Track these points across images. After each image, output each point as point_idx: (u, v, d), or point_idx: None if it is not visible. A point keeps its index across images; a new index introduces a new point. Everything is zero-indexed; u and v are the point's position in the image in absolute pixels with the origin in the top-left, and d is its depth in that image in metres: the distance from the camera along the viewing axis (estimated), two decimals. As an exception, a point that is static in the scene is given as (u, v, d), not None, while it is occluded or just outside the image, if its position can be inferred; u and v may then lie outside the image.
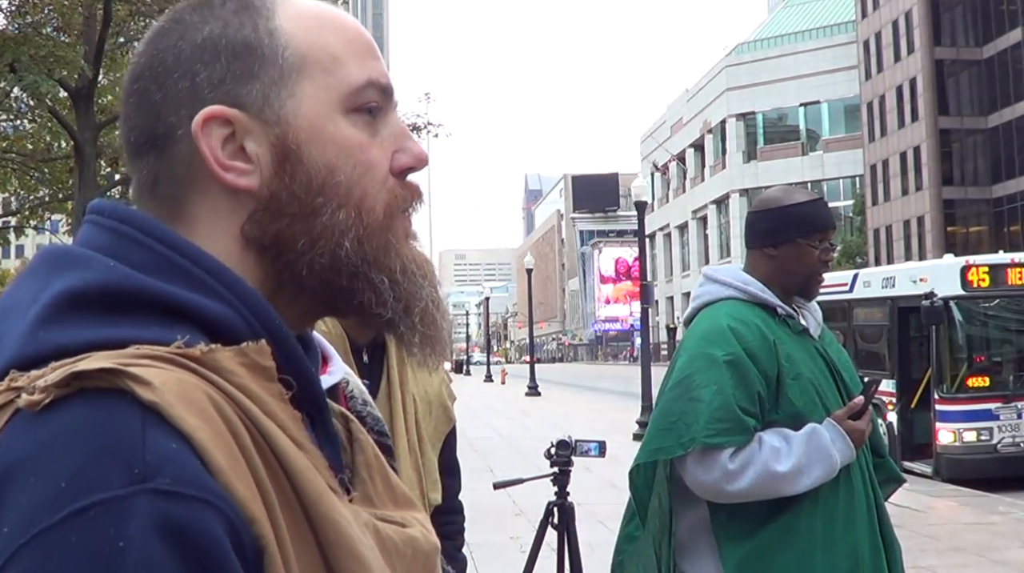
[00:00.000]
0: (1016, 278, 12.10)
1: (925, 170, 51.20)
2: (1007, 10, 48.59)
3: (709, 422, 2.39)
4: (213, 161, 0.75)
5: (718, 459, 2.39)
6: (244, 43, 0.77)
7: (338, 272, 0.77)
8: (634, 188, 19.49)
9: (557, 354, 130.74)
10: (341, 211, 0.77)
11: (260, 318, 0.73)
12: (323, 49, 0.79)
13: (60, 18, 15.02)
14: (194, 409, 0.64)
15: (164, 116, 0.77)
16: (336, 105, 0.78)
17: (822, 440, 2.41)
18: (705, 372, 2.45)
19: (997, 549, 8.12)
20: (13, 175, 20.89)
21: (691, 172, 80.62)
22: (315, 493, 0.68)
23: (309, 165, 0.77)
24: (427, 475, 2.32)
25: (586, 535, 6.39)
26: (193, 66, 0.76)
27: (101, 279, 0.69)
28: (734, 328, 2.48)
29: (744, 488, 2.38)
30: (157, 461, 0.61)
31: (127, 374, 0.63)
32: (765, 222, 2.63)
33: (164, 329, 0.68)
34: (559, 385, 42.62)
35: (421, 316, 0.80)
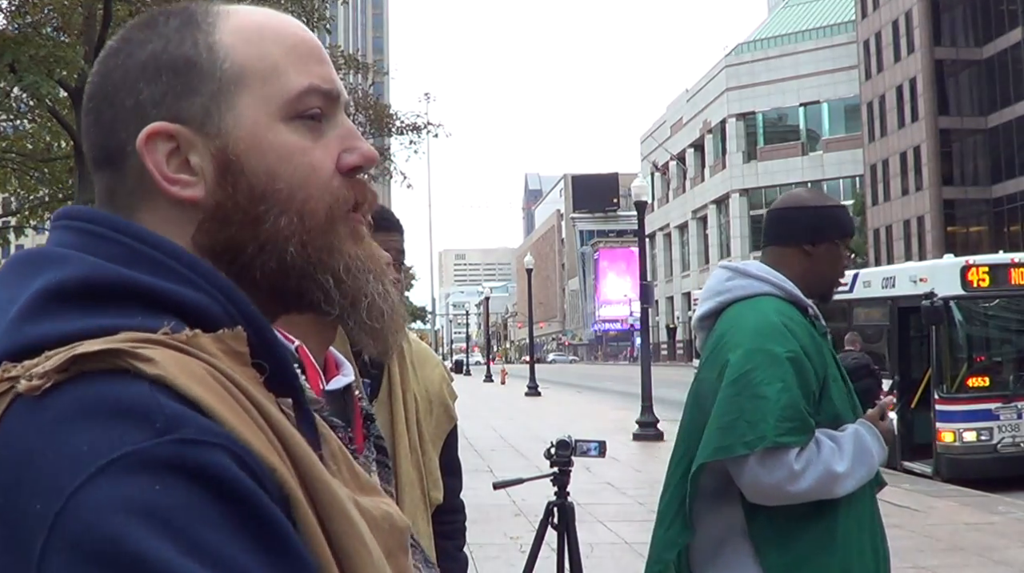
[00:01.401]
0: (1016, 278, 12.11)
1: (925, 170, 51.19)
2: (1007, 10, 48.59)
3: (780, 420, 2.29)
4: (158, 175, 0.78)
5: (784, 459, 2.30)
6: (184, 59, 0.79)
7: (286, 274, 0.80)
8: (634, 188, 19.48)
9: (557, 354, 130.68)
10: (283, 217, 0.79)
11: (237, 305, 0.75)
12: (261, 60, 0.81)
13: (60, 18, 15.02)
14: (195, 379, 0.66)
15: (115, 133, 0.80)
16: (275, 113, 0.80)
17: (864, 441, 2.40)
18: (767, 368, 2.34)
19: (997, 549, 8.12)
20: (13, 175, 20.89)
21: (691, 172, 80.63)
22: (308, 458, 0.71)
23: (250, 174, 0.79)
24: (428, 474, 2.32)
25: (586, 535, 6.40)
26: (137, 84, 0.79)
27: (80, 273, 0.71)
28: (788, 325, 2.42)
29: (805, 489, 2.31)
30: (174, 417, 0.63)
31: (127, 353, 0.65)
32: (808, 219, 2.58)
33: (148, 317, 0.70)
34: (559, 385, 42.62)
35: (367, 310, 0.83)
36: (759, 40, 71.09)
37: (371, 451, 1.42)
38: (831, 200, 2.68)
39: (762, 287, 2.52)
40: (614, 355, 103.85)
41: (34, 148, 19.90)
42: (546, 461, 4.47)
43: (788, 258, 2.57)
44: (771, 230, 2.65)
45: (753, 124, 70.05)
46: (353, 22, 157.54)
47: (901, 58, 53.18)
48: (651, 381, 17.17)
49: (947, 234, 50.23)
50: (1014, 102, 47.72)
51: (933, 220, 50.81)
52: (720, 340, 2.50)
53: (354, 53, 25.04)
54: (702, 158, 78.03)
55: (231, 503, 0.62)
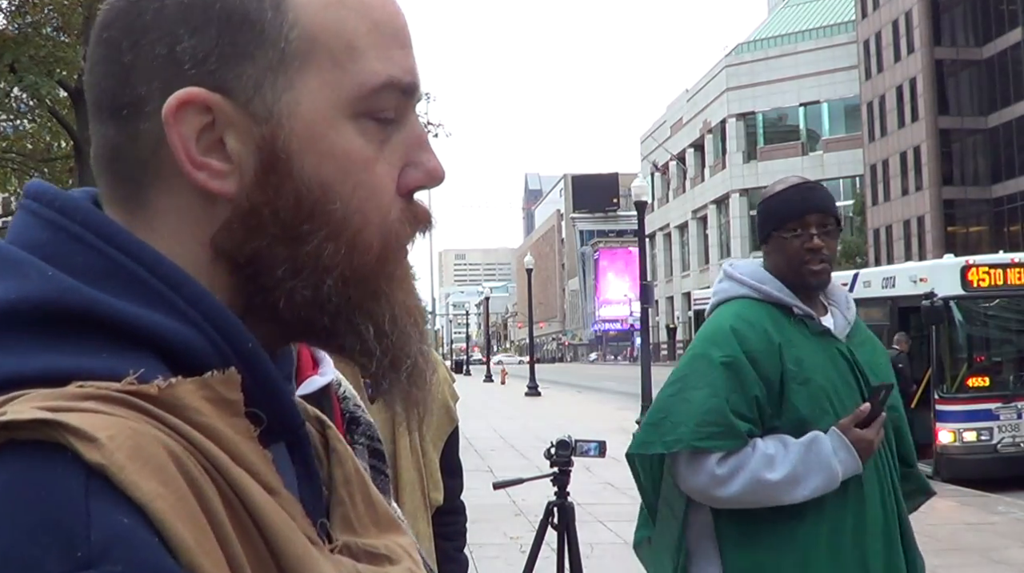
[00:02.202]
0: (1016, 278, 12.11)
1: (925, 170, 51.18)
2: (1007, 10, 48.56)
3: (699, 425, 2.33)
4: (184, 156, 0.62)
5: (705, 463, 2.33)
6: (242, 13, 0.62)
7: (319, 309, 0.65)
8: (634, 188, 19.50)
9: (557, 354, 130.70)
10: (329, 244, 0.64)
11: (229, 340, 0.61)
12: (339, 34, 0.64)
13: (60, 18, 15.01)
14: (150, 469, 0.51)
15: (132, 83, 0.63)
16: (343, 107, 0.64)
17: (822, 449, 2.31)
18: (701, 373, 2.39)
19: (997, 549, 8.12)
20: (13, 175, 20.90)
21: (691, 172, 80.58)
22: (295, 554, 0.57)
23: (300, 181, 0.63)
24: (429, 475, 2.33)
25: (586, 535, 6.40)
26: (176, 30, 0.62)
27: (38, 292, 0.57)
28: (737, 329, 2.40)
29: (733, 494, 2.32)
30: (104, 541, 0.49)
31: (67, 427, 0.51)
32: (758, 220, 2.57)
33: (114, 356, 0.56)
34: (559, 385, 42.61)
35: (409, 373, 0.68)
36: (759, 40, 71.06)
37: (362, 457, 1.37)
38: (777, 188, 2.53)
39: (739, 290, 2.51)
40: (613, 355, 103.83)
41: (34, 148, 19.90)
42: (546, 461, 4.47)
43: (766, 259, 2.56)
44: None
45: (753, 124, 70.01)
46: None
47: (901, 58, 53.17)
48: (651, 381, 17.18)
49: (947, 234, 50.21)
50: (1014, 102, 47.70)
51: (933, 220, 50.79)
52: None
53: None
54: (702, 158, 77.99)
55: None
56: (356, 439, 1.45)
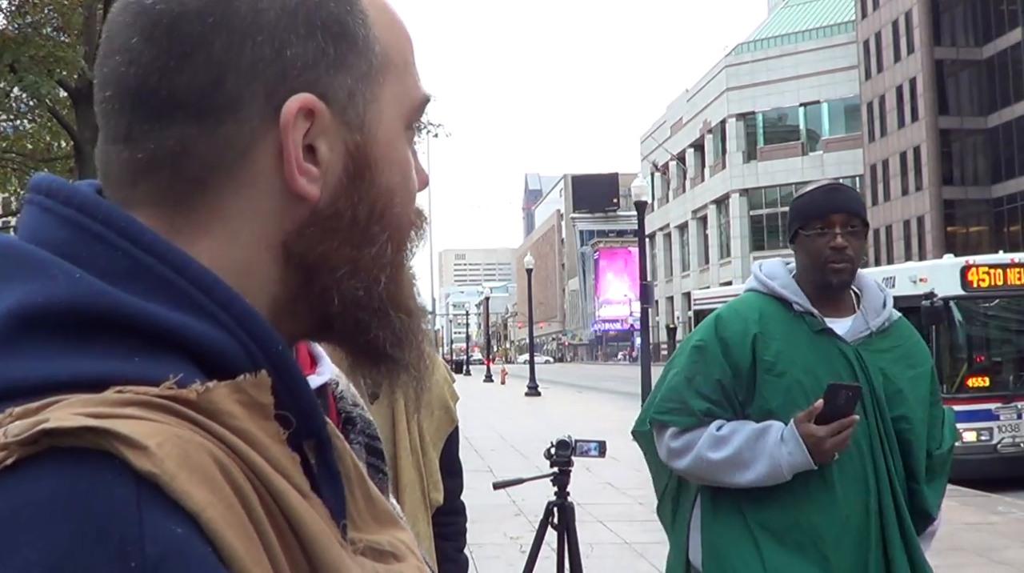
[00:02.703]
0: (1016, 278, 12.10)
1: (925, 170, 51.19)
2: (1007, 10, 48.58)
3: (662, 400, 2.55)
4: (294, 161, 0.62)
5: (663, 435, 2.53)
6: (342, 24, 0.64)
7: (365, 307, 0.67)
8: (634, 188, 19.51)
9: (557, 354, 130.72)
10: (390, 245, 0.67)
11: (260, 343, 0.60)
12: (400, 52, 0.68)
13: (60, 18, 15.02)
14: (198, 477, 0.51)
15: (226, 82, 0.61)
16: (404, 119, 0.68)
17: (769, 439, 2.37)
18: (679, 355, 2.60)
19: (997, 549, 8.12)
20: (13, 175, 20.89)
21: (691, 172, 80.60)
22: (331, 562, 0.57)
23: (380, 187, 0.66)
24: (429, 476, 2.33)
25: (586, 535, 6.40)
26: (284, 34, 0.62)
27: (66, 294, 0.55)
28: (721, 316, 2.56)
29: (684, 468, 2.49)
30: (159, 553, 0.48)
31: (115, 435, 0.50)
32: (788, 219, 2.67)
33: (147, 360, 0.55)
34: (559, 385, 42.61)
35: (422, 362, 0.72)
36: (759, 40, 71.06)
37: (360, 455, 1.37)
38: (805, 190, 2.64)
39: (751, 284, 2.64)
40: (613, 355, 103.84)
41: (34, 148, 19.91)
42: (546, 461, 4.47)
43: (795, 258, 2.64)
44: None
45: (753, 124, 70.01)
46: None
47: (901, 58, 53.17)
48: (651, 381, 17.18)
49: (947, 234, 50.21)
50: (1014, 102, 47.71)
51: (933, 220, 50.80)
52: None
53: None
54: (702, 158, 78.00)
55: None
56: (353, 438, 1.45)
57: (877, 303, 2.58)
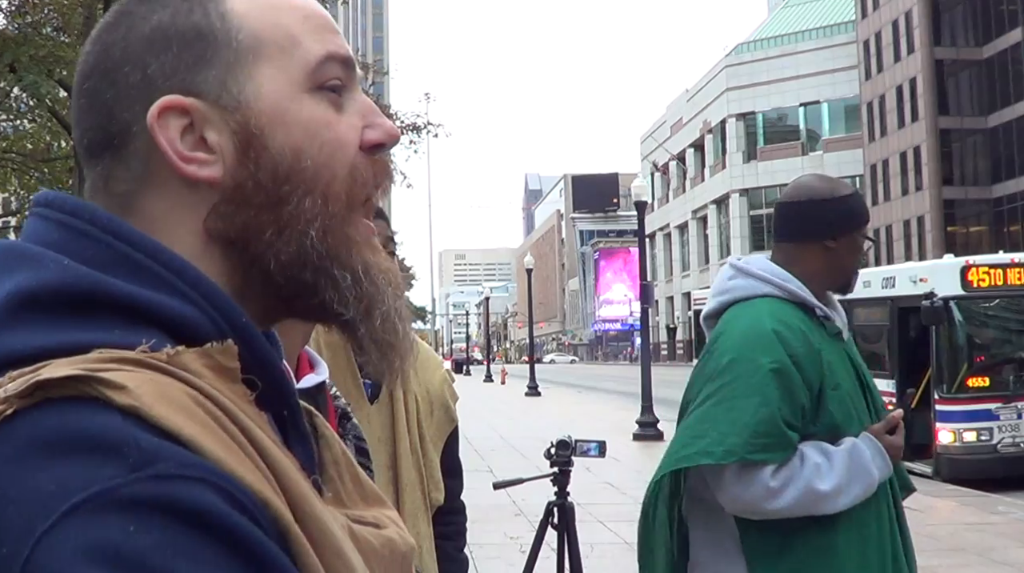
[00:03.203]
0: (1016, 278, 12.10)
1: (925, 170, 51.20)
2: (1007, 10, 48.58)
3: (753, 436, 2.19)
4: (173, 153, 0.71)
5: (759, 476, 2.20)
6: (195, 29, 0.73)
7: (303, 265, 0.74)
8: (634, 188, 19.50)
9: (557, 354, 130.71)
10: (307, 198, 0.73)
11: (226, 316, 0.69)
12: (278, 28, 0.76)
13: (60, 18, 15.03)
14: (175, 407, 0.59)
15: (117, 114, 0.73)
16: (298, 84, 0.75)
17: (863, 457, 2.25)
18: (748, 380, 2.24)
19: (997, 549, 8.12)
20: (13, 175, 20.90)
21: (691, 172, 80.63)
22: (300, 491, 0.65)
23: (274, 150, 0.73)
24: (429, 476, 2.32)
25: (586, 535, 6.40)
26: (143, 57, 0.72)
27: (56, 278, 0.64)
28: (779, 332, 2.27)
29: (784, 506, 2.21)
30: (152, 448, 0.56)
31: (97, 380, 0.58)
32: (827, 213, 2.41)
33: (127, 331, 0.64)
34: (559, 385, 42.61)
35: (382, 320, 0.76)
36: (759, 40, 71.08)
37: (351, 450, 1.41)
38: (844, 187, 2.49)
39: (762, 288, 2.38)
40: (614, 355, 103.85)
41: (34, 148, 19.91)
42: (546, 461, 4.47)
43: (806, 254, 2.42)
44: (787, 226, 2.48)
45: (753, 124, 70.04)
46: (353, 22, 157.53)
47: (901, 58, 53.19)
48: (651, 381, 17.17)
49: (947, 234, 50.23)
50: (1014, 102, 47.72)
51: (933, 220, 50.81)
52: (711, 345, 2.40)
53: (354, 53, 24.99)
54: (702, 158, 78.03)
55: (219, 540, 0.56)
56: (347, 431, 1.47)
57: (835, 298, 2.55)
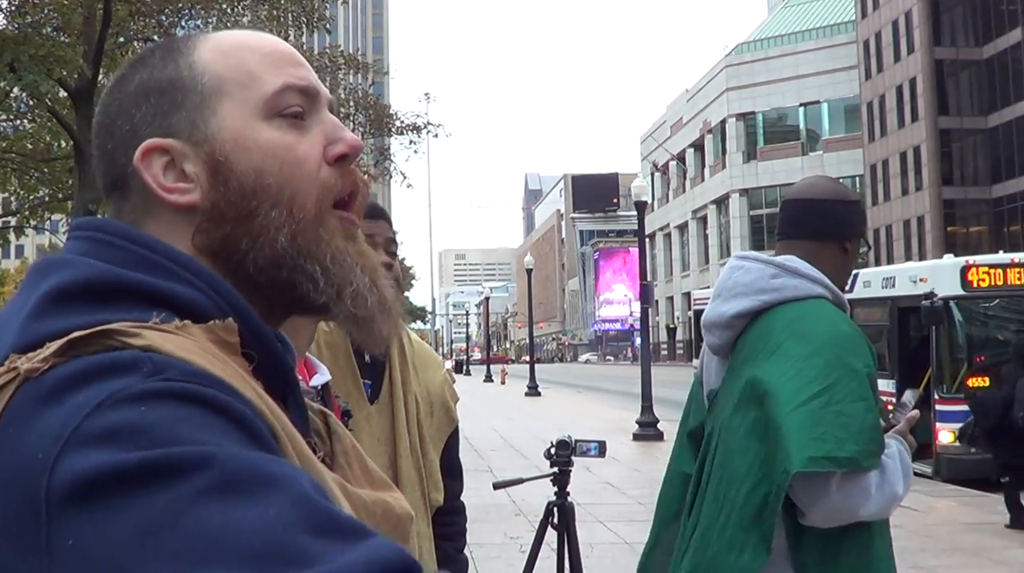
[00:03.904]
0: (1016, 278, 12.10)
1: (925, 170, 51.21)
2: (1007, 10, 48.59)
3: (866, 442, 2.12)
4: (156, 186, 0.84)
5: (864, 482, 2.13)
6: (168, 80, 0.86)
7: (278, 266, 0.84)
8: (634, 188, 19.49)
9: (557, 354, 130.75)
10: (273, 210, 0.83)
11: (226, 298, 0.81)
12: (238, 68, 0.87)
13: (60, 18, 15.03)
14: (185, 349, 0.72)
15: (116, 160, 0.86)
16: (256, 114, 0.86)
17: (907, 458, 2.26)
18: (848, 384, 2.15)
19: (997, 549, 8.12)
20: (13, 175, 20.90)
21: (691, 172, 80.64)
22: (299, 443, 0.76)
23: (239, 172, 0.84)
24: (429, 476, 2.32)
25: (586, 535, 6.40)
26: (129, 111, 0.86)
27: (82, 275, 0.77)
28: (861, 336, 2.27)
29: (874, 511, 2.16)
30: (164, 362, 0.69)
31: (117, 331, 0.71)
32: (849, 214, 2.38)
33: (143, 312, 0.75)
34: (559, 385, 42.61)
35: (352, 299, 0.85)
36: (759, 40, 71.09)
37: None
38: (848, 195, 2.48)
39: (815, 289, 2.30)
40: (614, 355, 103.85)
41: (34, 148, 19.92)
42: (546, 461, 4.47)
43: (827, 254, 2.36)
44: (808, 223, 2.39)
45: (753, 124, 70.05)
46: (353, 22, 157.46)
47: (901, 58, 53.19)
48: (651, 381, 17.17)
49: (947, 234, 50.23)
50: (1014, 102, 47.73)
51: (933, 220, 50.82)
52: (778, 348, 2.26)
53: (354, 53, 24.97)
54: (702, 158, 78.04)
55: (222, 415, 0.68)
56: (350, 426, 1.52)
57: None
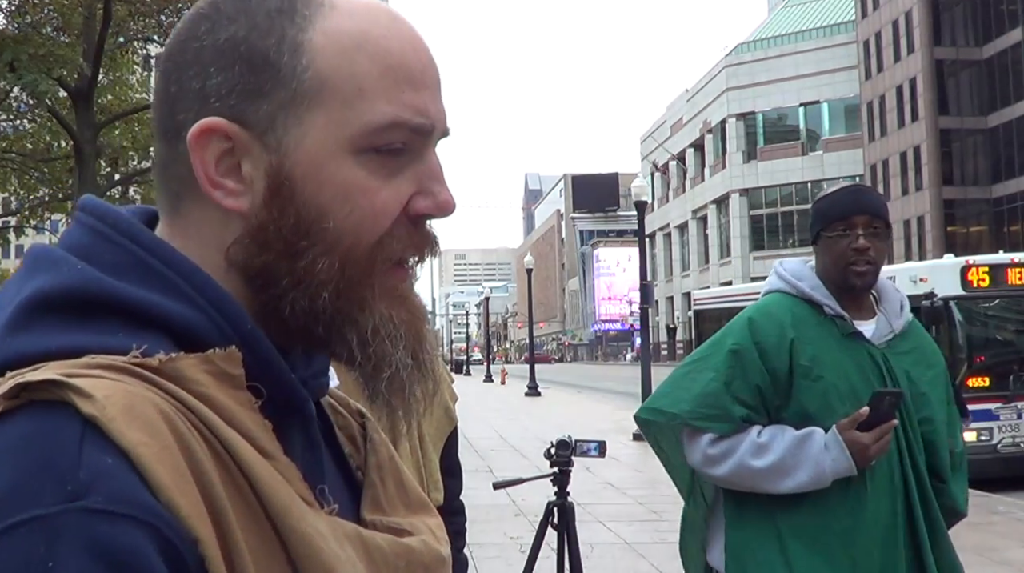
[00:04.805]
0: (1016, 278, 12.09)
1: (925, 170, 51.19)
2: (1007, 10, 48.58)
3: (698, 406, 2.46)
4: (204, 176, 0.71)
5: (699, 441, 2.46)
6: (262, 55, 0.71)
7: (316, 320, 0.73)
8: (634, 188, 19.49)
9: (557, 354, 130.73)
10: (323, 259, 0.71)
11: (231, 322, 0.69)
12: (350, 78, 0.71)
13: (60, 18, 15.01)
14: (138, 422, 0.61)
15: (175, 111, 0.73)
16: (346, 143, 0.71)
17: (812, 446, 2.35)
18: (712, 357, 2.51)
19: (997, 549, 8.11)
20: (13, 175, 20.91)
21: (691, 172, 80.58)
22: (282, 505, 0.65)
23: (299, 204, 0.71)
24: (428, 475, 2.32)
25: (586, 535, 6.40)
26: (207, 68, 0.71)
27: (67, 282, 0.67)
28: (754, 320, 2.50)
29: (722, 475, 2.44)
30: (90, 477, 0.58)
31: (69, 386, 0.61)
32: (811, 217, 2.61)
33: (128, 335, 0.66)
34: (559, 385, 42.60)
35: (388, 382, 0.75)
36: (759, 40, 71.04)
37: None
38: (829, 190, 2.62)
39: (776, 284, 2.58)
40: (613, 355, 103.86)
41: (34, 148, 19.93)
42: (546, 461, 4.47)
43: (817, 256, 2.59)
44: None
45: (753, 124, 70.00)
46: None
47: (901, 58, 53.18)
48: (651, 381, 17.17)
49: (947, 234, 50.22)
50: (1014, 102, 47.72)
51: (933, 220, 50.81)
52: None
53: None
54: (702, 158, 77.99)
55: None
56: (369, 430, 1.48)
57: (896, 305, 2.59)
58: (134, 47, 18.13)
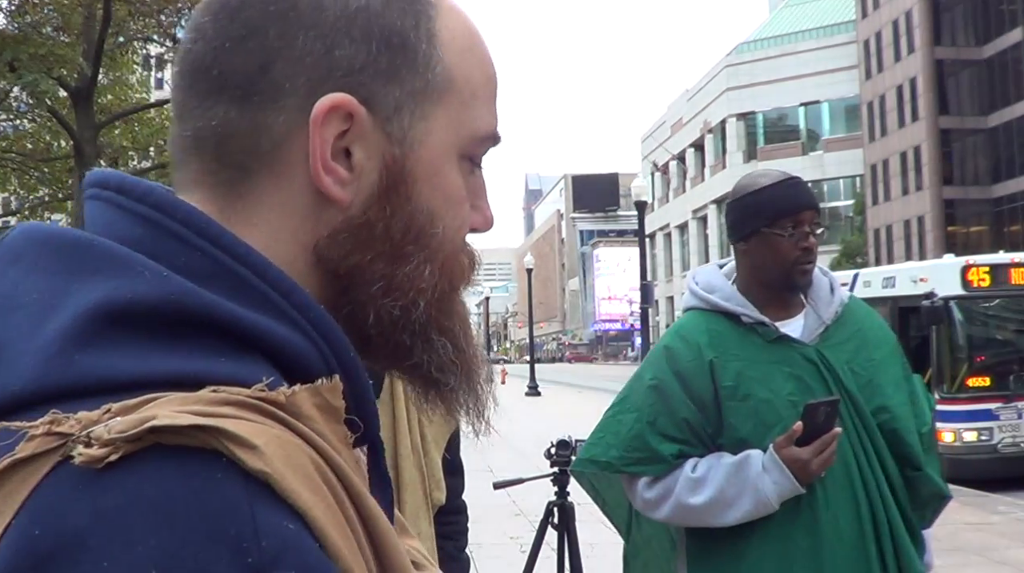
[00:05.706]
0: (1016, 278, 12.10)
1: (925, 170, 51.18)
2: (1007, 10, 48.57)
3: (626, 451, 2.31)
4: (320, 157, 0.62)
5: (636, 487, 2.32)
6: (401, 36, 0.65)
7: (403, 328, 0.66)
8: (634, 188, 19.52)
9: (557, 354, 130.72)
10: (427, 266, 0.66)
11: (335, 349, 0.61)
12: (468, 80, 0.68)
13: (60, 18, 15.02)
14: (302, 477, 0.52)
15: (272, 70, 0.62)
16: (457, 146, 0.68)
17: (750, 471, 2.15)
18: (634, 395, 2.35)
19: (997, 549, 8.12)
20: (13, 175, 20.90)
21: (691, 172, 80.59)
22: (401, 564, 0.58)
23: (415, 205, 0.65)
24: (431, 474, 2.32)
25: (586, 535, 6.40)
26: (337, 34, 0.63)
27: (156, 293, 0.55)
28: (670, 347, 2.34)
29: (665, 517, 2.30)
30: (275, 548, 0.48)
31: (225, 433, 0.50)
32: (732, 214, 2.36)
33: (234, 361, 0.55)
34: (559, 385, 42.58)
35: (485, 381, 0.73)
36: (759, 40, 71.05)
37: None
38: (764, 182, 2.31)
39: (689, 301, 2.43)
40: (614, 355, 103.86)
41: (34, 148, 19.92)
42: (546, 461, 4.47)
43: (737, 257, 2.39)
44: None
45: (753, 124, 70.00)
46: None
47: (901, 58, 53.17)
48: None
49: (947, 234, 50.21)
50: (1014, 102, 47.70)
51: (933, 220, 50.79)
52: None
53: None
54: (702, 158, 77.99)
55: None
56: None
57: (825, 291, 2.38)
58: (134, 47, 18.14)
